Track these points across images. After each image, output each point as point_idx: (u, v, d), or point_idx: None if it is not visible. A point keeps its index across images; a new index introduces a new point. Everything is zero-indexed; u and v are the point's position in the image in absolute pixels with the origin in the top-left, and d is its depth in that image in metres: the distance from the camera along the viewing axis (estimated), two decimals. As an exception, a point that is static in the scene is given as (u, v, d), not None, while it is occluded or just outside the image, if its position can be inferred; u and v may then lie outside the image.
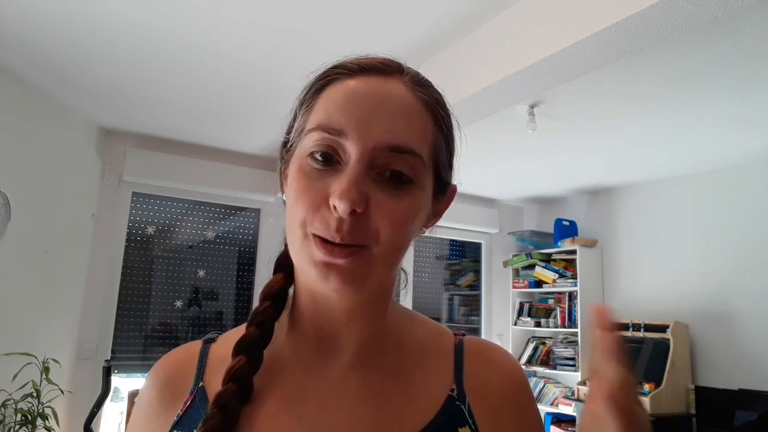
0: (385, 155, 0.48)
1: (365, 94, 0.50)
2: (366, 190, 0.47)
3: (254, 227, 4.19)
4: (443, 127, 0.54)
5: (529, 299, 4.97)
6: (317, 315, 0.55)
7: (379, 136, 0.48)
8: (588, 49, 1.89)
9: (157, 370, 0.58)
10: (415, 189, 0.50)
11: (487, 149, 3.66)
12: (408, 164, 0.49)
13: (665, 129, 3.19)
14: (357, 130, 0.48)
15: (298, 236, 0.49)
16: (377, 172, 0.48)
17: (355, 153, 0.47)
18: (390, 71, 0.53)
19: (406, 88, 0.52)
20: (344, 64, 0.53)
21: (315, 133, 0.49)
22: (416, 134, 0.50)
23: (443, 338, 0.61)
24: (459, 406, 0.54)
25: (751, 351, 3.49)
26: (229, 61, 2.61)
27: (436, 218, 0.58)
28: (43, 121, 3.04)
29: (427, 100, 0.53)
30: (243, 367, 0.52)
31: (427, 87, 0.54)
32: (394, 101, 0.50)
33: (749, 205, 3.66)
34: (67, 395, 2.99)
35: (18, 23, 2.31)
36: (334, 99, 0.50)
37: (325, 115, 0.50)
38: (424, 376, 0.56)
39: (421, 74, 0.55)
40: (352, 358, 0.55)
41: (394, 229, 0.48)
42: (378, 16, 2.20)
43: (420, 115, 0.52)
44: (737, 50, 2.24)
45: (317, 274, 0.48)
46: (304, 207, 0.48)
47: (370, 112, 0.49)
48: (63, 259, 3.25)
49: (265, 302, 0.56)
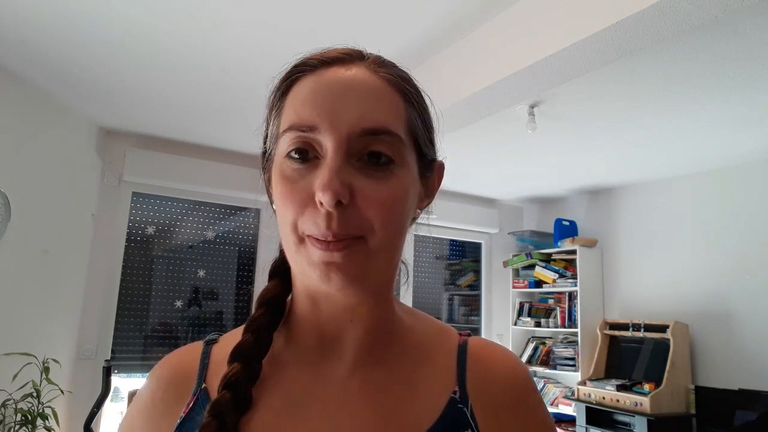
0: (361, 140, 0.48)
1: (329, 85, 0.50)
2: (348, 179, 0.47)
3: (254, 227, 4.19)
4: (414, 102, 0.53)
5: (529, 299, 4.97)
6: (319, 317, 0.54)
7: (351, 122, 0.47)
8: (588, 49, 1.89)
9: (161, 371, 0.57)
10: (398, 168, 0.49)
11: (487, 149, 3.66)
12: (385, 145, 0.48)
13: (665, 129, 3.19)
14: (328, 122, 0.47)
15: (293, 240, 0.49)
16: (356, 159, 0.48)
17: (331, 144, 0.47)
18: (351, 59, 0.52)
19: (369, 71, 0.51)
20: (305, 62, 0.52)
21: (288, 134, 0.49)
22: (387, 113, 0.50)
23: (447, 337, 0.60)
24: (461, 409, 0.53)
25: (751, 351, 3.49)
26: (229, 61, 2.61)
27: (429, 198, 0.57)
28: (43, 121, 3.04)
29: (393, 79, 0.52)
30: (238, 374, 0.51)
31: (390, 67, 0.54)
32: (359, 86, 0.50)
33: (749, 205, 3.66)
34: (67, 395, 2.99)
35: (18, 23, 2.31)
36: (300, 96, 0.50)
37: (294, 114, 0.49)
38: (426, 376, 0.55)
39: (384, 57, 0.55)
40: (355, 357, 0.54)
41: (385, 213, 0.48)
42: (378, 16, 2.20)
43: (388, 94, 0.51)
44: (737, 50, 2.24)
45: (318, 275, 0.47)
46: (292, 209, 0.48)
47: (338, 101, 0.48)
48: (63, 259, 3.25)
49: (260, 309, 0.56)
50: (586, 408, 3.84)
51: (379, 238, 0.48)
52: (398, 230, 0.50)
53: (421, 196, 0.56)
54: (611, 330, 4.14)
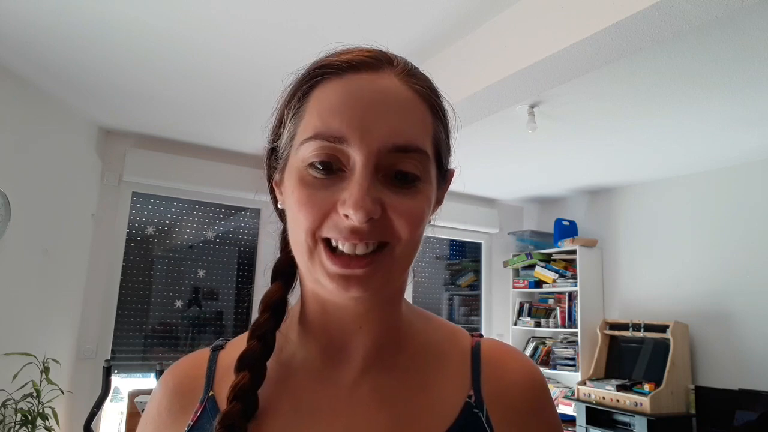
0: (390, 156, 0.46)
1: (360, 94, 0.47)
2: (378, 195, 0.46)
3: (254, 227, 4.19)
4: (440, 115, 0.53)
5: (529, 299, 4.97)
6: (327, 323, 0.53)
7: (382, 138, 0.46)
8: (588, 49, 1.89)
9: (167, 380, 0.57)
10: (423, 184, 0.49)
11: (487, 149, 3.66)
12: (414, 162, 0.47)
13: (665, 129, 3.19)
14: (359, 135, 0.45)
15: (307, 246, 0.47)
16: (383, 174, 0.47)
17: (361, 159, 0.45)
18: (380, 65, 0.50)
19: (399, 81, 0.50)
20: (330, 63, 0.50)
21: (313, 142, 0.47)
22: (418, 129, 0.49)
23: (459, 340, 0.58)
24: (477, 414, 0.52)
25: (751, 351, 3.49)
26: (229, 61, 2.61)
27: (440, 204, 0.57)
28: (43, 121, 3.04)
29: (422, 91, 0.51)
30: (247, 384, 0.50)
31: (418, 76, 0.52)
32: (390, 98, 0.48)
33: (749, 205, 3.66)
34: (67, 395, 2.99)
35: (18, 23, 2.31)
36: (327, 103, 0.48)
37: (321, 121, 0.47)
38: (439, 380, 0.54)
39: (409, 62, 0.53)
40: (364, 362, 0.53)
41: (413, 227, 0.47)
42: (379, 16, 2.20)
43: (418, 107, 0.50)
44: (737, 50, 2.24)
45: (336, 286, 0.46)
46: (311, 216, 0.46)
47: (369, 114, 0.46)
48: (63, 259, 3.25)
49: (265, 314, 0.54)
50: (586, 408, 3.84)
51: (403, 246, 0.48)
52: (419, 242, 0.50)
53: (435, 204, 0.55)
54: (611, 330, 4.14)
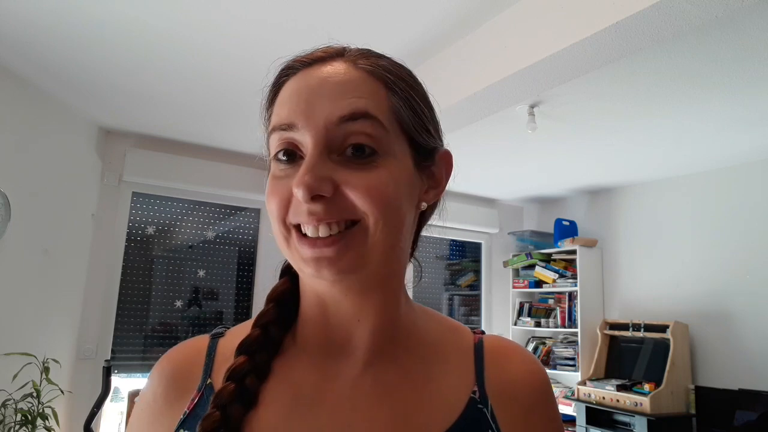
0: (340, 131, 0.47)
1: (305, 83, 0.50)
2: (328, 173, 0.46)
3: (254, 227, 4.19)
4: (398, 90, 0.51)
5: (529, 299, 4.97)
6: (326, 317, 0.54)
7: (326, 114, 0.47)
8: (588, 49, 1.89)
9: (163, 365, 0.56)
10: (383, 158, 0.48)
11: (487, 149, 3.66)
12: (365, 133, 0.47)
13: (665, 129, 3.19)
14: (304, 117, 0.48)
15: (282, 235, 0.50)
16: (338, 154, 0.48)
17: (309, 139, 0.47)
18: (330, 57, 0.52)
19: (347, 64, 0.51)
20: (290, 65, 0.53)
21: (273, 136, 0.50)
22: (365, 99, 0.49)
23: (462, 336, 0.59)
24: (482, 410, 0.52)
25: (751, 351, 3.49)
26: (229, 61, 2.61)
27: (437, 189, 0.56)
28: (43, 121, 3.04)
29: (372, 69, 0.51)
30: (243, 366, 0.51)
31: (371, 57, 0.53)
32: (333, 78, 0.50)
33: (749, 205, 3.66)
34: (67, 395, 2.99)
35: (18, 23, 2.31)
36: (282, 99, 0.51)
37: (276, 115, 0.51)
38: (442, 375, 0.54)
39: (368, 49, 0.54)
40: (366, 356, 0.53)
41: (373, 200, 0.47)
42: (379, 16, 2.20)
43: (366, 83, 0.50)
44: (737, 50, 2.24)
45: (310, 270, 0.48)
46: (276, 204, 0.49)
47: (313, 97, 0.49)
48: (63, 259, 3.25)
49: (269, 304, 0.56)
50: (586, 408, 3.84)
51: (372, 221, 0.47)
52: (394, 218, 0.49)
53: (423, 188, 0.54)
54: (611, 330, 4.14)
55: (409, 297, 0.58)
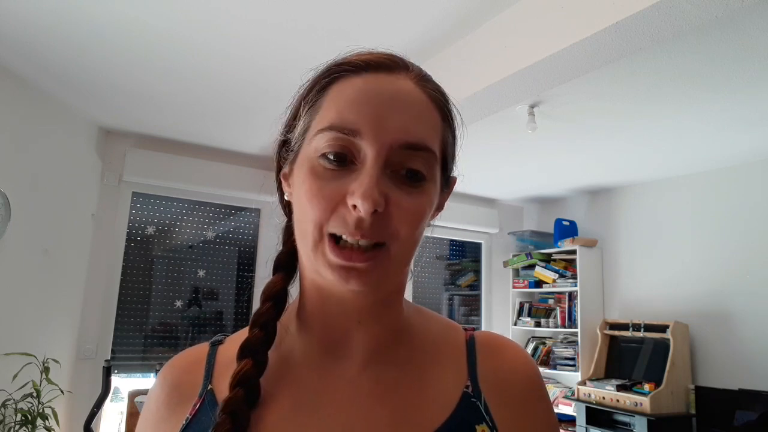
0: (401, 153, 0.48)
1: (376, 91, 0.49)
2: (386, 189, 0.47)
3: (254, 227, 4.19)
4: (450, 120, 0.55)
5: (529, 299, 4.97)
6: (328, 316, 0.54)
7: (395, 134, 0.48)
8: (588, 49, 1.89)
9: (165, 374, 0.57)
10: (428, 185, 0.50)
11: (487, 149, 3.66)
12: (423, 161, 0.49)
13: (665, 129, 3.19)
14: (372, 129, 0.47)
15: (313, 238, 0.48)
16: (392, 170, 0.48)
17: (372, 152, 0.47)
18: (396, 67, 0.52)
19: (413, 84, 0.52)
20: (349, 61, 0.52)
21: (327, 133, 0.48)
22: (429, 130, 0.50)
23: (454, 333, 0.60)
24: (475, 403, 0.53)
25: (751, 351, 3.49)
26: (229, 61, 2.61)
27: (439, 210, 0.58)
28: (43, 121, 3.04)
29: (434, 96, 0.53)
30: (249, 370, 0.51)
31: (432, 81, 0.55)
32: (405, 98, 0.50)
33: (749, 205, 3.66)
34: (67, 395, 2.99)
35: (18, 23, 2.31)
36: (345, 97, 0.49)
37: (337, 114, 0.49)
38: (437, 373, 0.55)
39: (424, 69, 0.55)
40: (365, 356, 0.54)
41: (413, 226, 0.49)
42: (379, 16, 2.20)
43: (430, 110, 0.52)
44: (737, 50, 2.24)
45: (337, 277, 0.48)
46: (320, 208, 0.47)
47: (384, 111, 0.48)
48: (63, 259, 3.25)
49: (267, 303, 0.56)
50: (586, 408, 3.84)
51: (400, 247, 0.49)
52: (418, 241, 0.52)
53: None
54: (611, 330, 4.14)
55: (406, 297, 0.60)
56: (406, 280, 0.57)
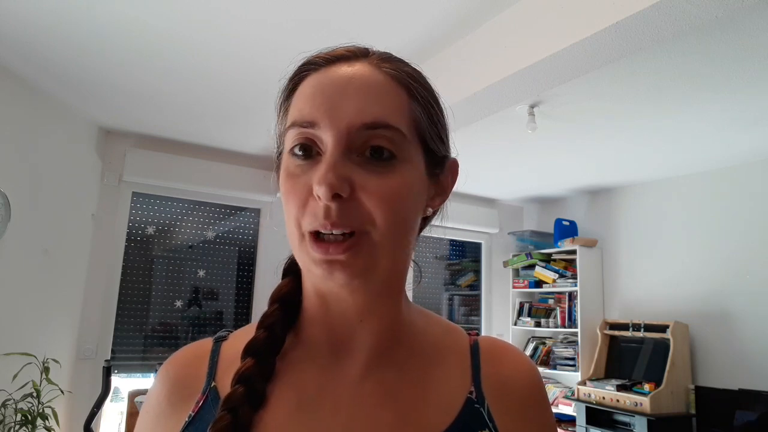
0: (362, 134, 0.48)
1: (331, 81, 0.50)
2: (348, 173, 0.47)
3: (254, 227, 4.18)
4: (419, 98, 0.52)
5: (529, 299, 4.97)
6: (329, 316, 0.54)
7: (350, 117, 0.47)
8: (588, 49, 1.89)
9: (168, 369, 0.56)
10: (400, 164, 0.49)
11: (487, 149, 3.66)
12: (386, 140, 0.48)
13: (665, 129, 3.19)
14: (327, 117, 0.48)
15: (296, 236, 0.49)
16: (358, 154, 0.48)
17: (330, 139, 0.47)
18: (354, 57, 0.52)
19: (371, 67, 0.51)
20: (311, 60, 0.53)
21: (291, 131, 0.50)
22: (388, 108, 0.49)
23: (458, 337, 0.60)
24: (478, 409, 0.53)
25: (751, 351, 3.49)
26: (229, 61, 2.61)
27: (442, 196, 0.57)
28: (43, 121, 3.04)
29: (396, 74, 0.52)
30: (251, 369, 0.51)
31: (395, 62, 0.53)
32: (359, 82, 0.50)
33: (749, 205, 3.66)
34: (67, 395, 2.99)
35: (18, 23, 2.31)
36: (304, 94, 0.51)
37: (297, 111, 0.50)
38: (440, 377, 0.55)
39: (390, 53, 0.55)
40: (367, 358, 0.54)
41: (386, 206, 0.47)
42: (379, 16, 2.20)
43: (390, 89, 0.51)
44: (737, 50, 2.24)
45: (321, 272, 0.48)
46: (294, 205, 0.49)
47: (337, 97, 0.49)
48: (63, 259, 3.25)
49: (273, 305, 0.55)
50: (586, 408, 3.84)
51: (381, 231, 0.48)
52: (403, 225, 0.50)
53: (431, 194, 0.55)
54: (611, 330, 4.14)
55: (408, 298, 0.59)
56: (406, 270, 0.56)
